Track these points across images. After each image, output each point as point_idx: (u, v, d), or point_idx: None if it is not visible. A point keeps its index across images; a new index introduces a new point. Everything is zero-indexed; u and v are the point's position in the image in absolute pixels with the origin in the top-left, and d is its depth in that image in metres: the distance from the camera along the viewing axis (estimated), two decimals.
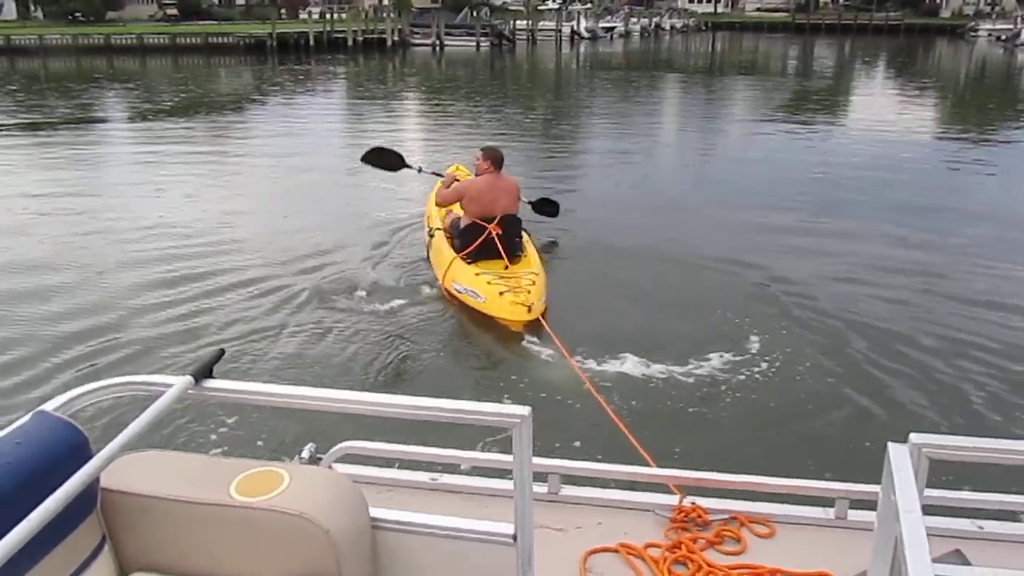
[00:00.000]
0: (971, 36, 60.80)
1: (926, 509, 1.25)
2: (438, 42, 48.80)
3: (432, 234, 7.37)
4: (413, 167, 8.23)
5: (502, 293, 6.11)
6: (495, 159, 6.94)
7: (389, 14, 52.08)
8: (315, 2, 62.26)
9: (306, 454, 2.44)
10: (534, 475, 1.75)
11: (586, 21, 61.60)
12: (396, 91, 28.53)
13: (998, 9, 70.31)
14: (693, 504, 2.48)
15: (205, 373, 1.81)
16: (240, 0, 68.08)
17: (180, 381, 1.78)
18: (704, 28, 74.06)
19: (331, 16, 49.80)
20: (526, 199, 7.81)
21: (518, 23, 56.28)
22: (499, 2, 67.53)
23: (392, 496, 2.49)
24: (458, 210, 7.03)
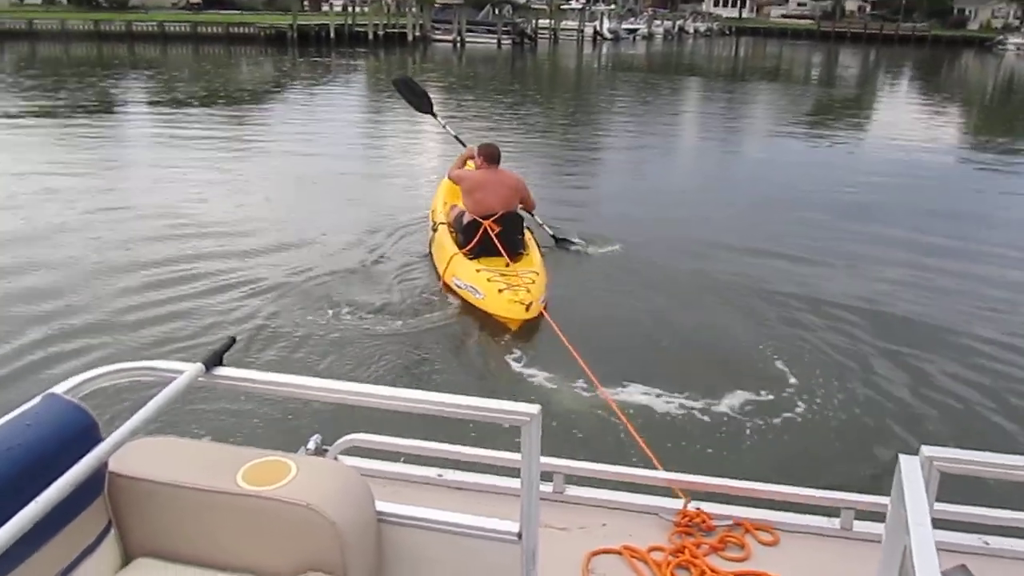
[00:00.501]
0: (999, 49, 60.26)
1: (933, 523, 1.24)
2: (459, 38, 48.73)
3: (436, 228, 7.39)
4: (438, 118, 8.17)
5: (501, 291, 6.12)
6: (488, 155, 7.02)
7: (411, 9, 52.07)
8: None
9: (312, 445, 2.43)
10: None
11: (609, 22, 61.52)
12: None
13: None
14: (698, 509, 2.48)
15: (216, 361, 1.82)
16: None
17: (191, 368, 1.79)
18: (728, 33, 73.80)
19: (353, 9, 49.87)
20: (551, 230, 7.91)
21: (540, 22, 56.17)
22: (522, 0, 67.45)
23: (396, 490, 2.49)
24: (461, 204, 7.09)
